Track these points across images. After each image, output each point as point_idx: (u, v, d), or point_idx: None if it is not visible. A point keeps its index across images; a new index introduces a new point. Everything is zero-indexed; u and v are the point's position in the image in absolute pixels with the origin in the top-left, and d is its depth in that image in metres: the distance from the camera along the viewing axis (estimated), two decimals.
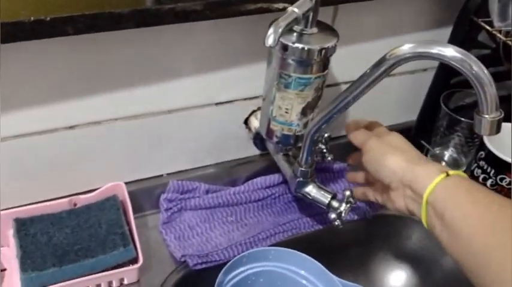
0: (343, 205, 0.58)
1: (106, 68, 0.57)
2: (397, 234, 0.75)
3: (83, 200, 0.62)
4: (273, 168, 0.72)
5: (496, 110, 0.44)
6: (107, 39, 0.53)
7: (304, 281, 0.58)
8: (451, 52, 0.44)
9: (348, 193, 0.58)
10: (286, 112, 0.58)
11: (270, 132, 0.61)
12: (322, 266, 0.55)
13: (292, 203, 0.72)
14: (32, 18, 0.45)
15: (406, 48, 0.45)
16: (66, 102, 0.57)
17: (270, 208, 0.71)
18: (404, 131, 0.80)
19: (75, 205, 0.62)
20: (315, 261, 0.56)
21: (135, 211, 0.66)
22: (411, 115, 0.81)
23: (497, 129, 0.45)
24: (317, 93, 0.57)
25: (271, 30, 0.46)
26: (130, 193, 0.66)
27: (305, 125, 0.59)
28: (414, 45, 0.45)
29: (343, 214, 0.58)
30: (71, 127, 0.59)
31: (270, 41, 0.45)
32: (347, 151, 0.79)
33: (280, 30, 0.46)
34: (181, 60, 0.60)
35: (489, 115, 0.44)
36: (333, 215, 0.59)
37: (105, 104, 0.59)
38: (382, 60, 0.47)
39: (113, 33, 0.50)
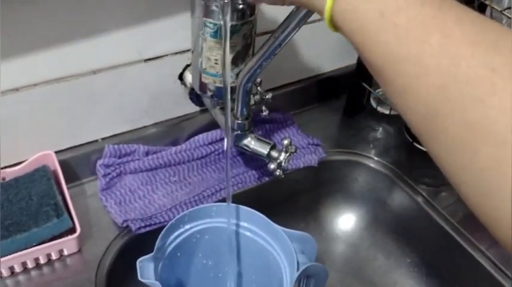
0: (283, 154, 0.57)
1: (25, 27, 0.52)
2: (343, 178, 0.75)
3: (11, 173, 0.59)
4: (214, 124, 0.70)
5: None
6: None
7: (248, 233, 0.57)
8: None
9: (286, 141, 0.57)
10: (216, 63, 0.55)
11: (202, 86, 0.59)
12: (265, 217, 0.54)
13: (237, 157, 0.71)
14: None
15: None
16: None
17: (214, 164, 0.70)
18: (347, 74, 0.79)
19: (3, 179, 0.59)
20: (258, 213, 0.55)
21: (71, 180, 0.64)
22: (352, 59, 0.80)
23: None
24: (246, 41, 0.54)
25: None
26: (64, 162, 0.63)
27: (237, 75, 0.57)
28: None
29: (283, 163, 0.57)
30: None
31: None
32: (291, 99, 0.78)
33: None
34: (104, 15, 0.56)
35: None
36: (272, 166, 0.57)
37: (25, 67, 0.55)
38: None
39: None
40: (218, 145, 0.70)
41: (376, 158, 0.74)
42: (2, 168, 0.60)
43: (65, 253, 0.57)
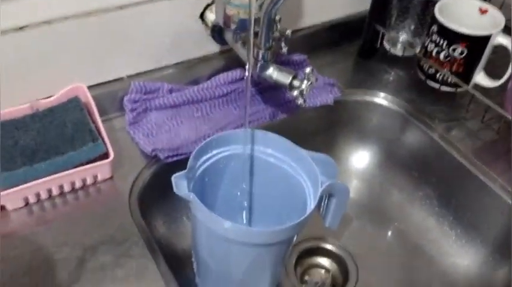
0: (305, 82, 0.60)
1: None
2: (358, 117, 0.78)
3: (45, 104, 0.62)
4: (233, 64, 0.72)
5: None
6: None
7: (272, 159, 0.60)
8: None
9: (308, 70, 0.59)
10: None
11: (227, 18, 0.61)
12: (289, 141, 0.57)
13: (256, 96, 0.73)
14: None
15: None
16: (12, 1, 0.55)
17: (235, 102, 0.73)
18: (359, 19, 0.81)
19: (37, 110, 0.62)
20: (281, 137, 0.58)
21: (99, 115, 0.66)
22: (366, 3, 0.82)
23: None
24: None
25: None
26: (92, 97, 0.65)
27: (260, 6, 0.59)
28: None
29: (304, 92, 0.60)
30: (21, 28, 0.58)
31: None
32: (305, 43, 0.80)
33: None
34: None
35: None
36: (295, 93, 0.60)
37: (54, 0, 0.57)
38: None
39: None
40: (238, 84, 0.73)
41: (390, 97, 0.76)
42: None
43: (99, 178, 0.60)
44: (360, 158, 0.79)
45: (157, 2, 0.64)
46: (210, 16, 0.67)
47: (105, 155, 0.59)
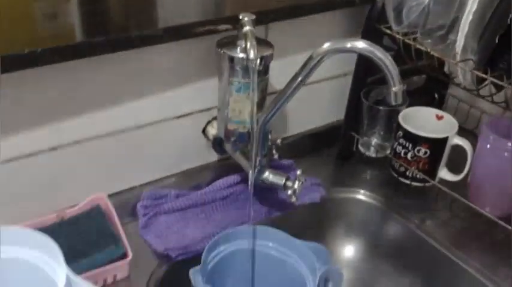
0: (296, 182, 0.70)
1: (82, 93, 0.66)
2: (342, 212, 0.88)
3: (70, 213, 0.70)
4: (230, 171, 0.83)
5: (399, 84, 0.58)
6: (84, 67, 0.63)
7: (273, 252, 0.68)
8: (361, 44, 0.58)
9: (299, 172, 0.70)
10: (240, 113, 0.70)
11: (227, 133, 0.73)
12: (286, 234, 0.66)
13: (253, 197, 0.83)
14: (26, 51, 0.54)
15: (326, 45, 0.59)
16: (49, 126, 0.66)
17: (234, 203, 0.82)
18: (337, 127, 0.95)
19: (62, 218, 0.70)
20: (280, 231, 0.67)
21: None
22: (341, 114, 0.96)
23: (403, 98, 0.59)
24: (262, 94, 0.70)
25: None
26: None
27: (256, 122, 0.71)
28: (332, 42, 0.59)
29: (297, 191, 0.70)
30: (54, 148, 0.68)
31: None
32: (291, 149, 0.92)
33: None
34: (146, 81, 0.70)
35: (395, 87, 0.58)
36: (289, 192, 0.70)
37: (83, 124, 0.68)
38: (309, 58, 0.61)
39: (90, 60, 0.61)
40: (236, 188, 0.83)
41: (369, 193, 0.87)
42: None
43: (118, 277, 0.67)
44: (349, 249, 0.88)
45: (167, 122, 0.76)
46: (211, 130, 0.79)
47: (124, 256, 0.67)
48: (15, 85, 0.60)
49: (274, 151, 0.79)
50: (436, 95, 1.01)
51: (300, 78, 0.63)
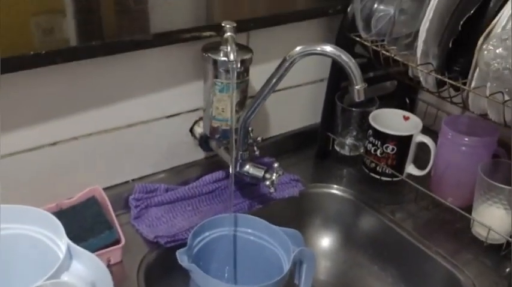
0: (274, 174, 0.77)
1: (81, 93, 0.73)
2: (320, 206, 0.95)
3: (68, 203, 0.76)
4: (216, 167, 0.90)
5: (361, 83, 0.66)
6: (81, 70, 0.70)
7: (252, 237, 0.75)
8: (329, 48, 0.66)
9: (276, 165, 0.77)
10: (223, 111, 0.77)
11: (212, 130, 0.80)
12: (264, 220, 0.73)
13: (236, 191, 0.90)
14: (32, 52, 0.61)
15: (298, 49, 0.67)
16: (49, 123, 0.73)
17: (219, 197, 0.89)
18: (315, 128, 1.02)
19: (61, 208, 0.76)
20: (258, 218, 0.74)
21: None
22: (319, 117, 1.03)
23: (364, 96, 0.66)
24: (243, 94, 0.77)
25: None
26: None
27: (238, 120, 0.78)
28: (304, 46, 0.67)
29: (275, 182, 0.77)
30: (53, 144, 0.75)
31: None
32: (273, 149, 0.99)
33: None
34: (138, 82, 0.78)
35: (358, 86, 0.65)
36: (267, 182, 0.77)
37: (81, 121, 0.75)
38: (283, 60, 0.69)
39: (87, 63, 0.68)
40: (221, 183, 0.90)
41: (343, 188, 0.94)
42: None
43: (112, 261, 0.73)
44: (325, 241, 0.95)
45: (157, 121, 0.83)
46: (198, 130, 0.86)
47: (117, 242, 0.73)
48: (17, 85, 0.67)
49: (255, 148, 0.86)
50: (407, 100, 1.09)
51: (275, 79, 0.71)
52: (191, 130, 0.88)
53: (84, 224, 0.73)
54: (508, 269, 0.78)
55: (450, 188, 0.85)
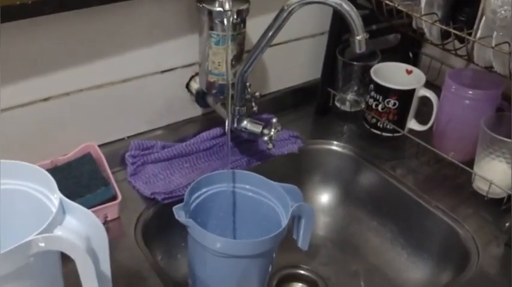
0: (272, 130, 0.76)
1: (72, 46, 0.71)
2: (319, 162, 0.94)
3: (63, 160, 0.75)
4: (214, 124, 0.88)
5: (362, 33, 0.63)
6: (72, 21, 0.67)
7: (250, 193, 0.74)
8: None
9: (274, 120, 0.76)
10: (219, 65, 0.75)
11: (209, 85, 0.78)
12: (262, 177, 0.72)
13: (234, 148, 0.89)
14: (18, 2, 0.59)
15: None
16: (40, 79, 0.71)
17: (217, 154, 0.88)
18: (315, 84, 1.00)
19: (56, 165, 0.75)
20: (257, 175, 0.72)
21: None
22: (319, 72, 1.01)
23: (366, 47, 0.64)
24: (240, 47, 0.75)
25: None
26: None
27: (235, 74, 0.76)
28: None
29: (273, 137, 0.76)
30: (46, 99, 0.73)
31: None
32: (272, 105, 0.98)
33: None
34: (131, 35, 0.75)
35: (359, 36, 0.63)
36: (265, 138, 0.76)
37: (73, 76, 0.73)
38: (281, 10, 0.66)
39: (78, 13, 0.65)
40: (218, 140, 0.88)
41: (343, 144, 0.93)
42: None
43: (109, 218, 0.73)
44: (324, 197, 0.94)
45: (152, 76, 0.81)
46: (194, 85, 0.84)
47: (114, 199, 0.72)
48: (7, 38, 0.65)
49: (253, 104, 0.84)
50: (410, 54, 1.06)
51: (273, 30, 0.68)
52: (187, 86, 0.85)
53: (80, 180, 0.72)
54: (507, 224, 0.77)
55: (452, 143, 0.83)
